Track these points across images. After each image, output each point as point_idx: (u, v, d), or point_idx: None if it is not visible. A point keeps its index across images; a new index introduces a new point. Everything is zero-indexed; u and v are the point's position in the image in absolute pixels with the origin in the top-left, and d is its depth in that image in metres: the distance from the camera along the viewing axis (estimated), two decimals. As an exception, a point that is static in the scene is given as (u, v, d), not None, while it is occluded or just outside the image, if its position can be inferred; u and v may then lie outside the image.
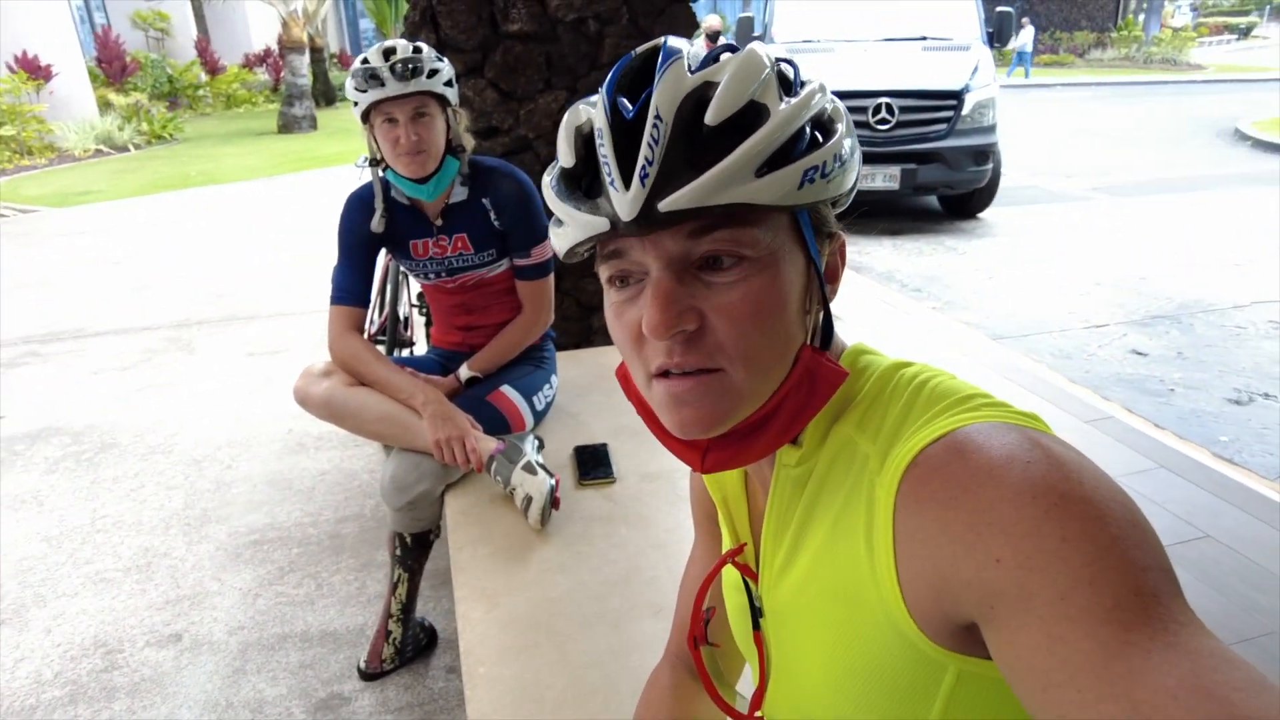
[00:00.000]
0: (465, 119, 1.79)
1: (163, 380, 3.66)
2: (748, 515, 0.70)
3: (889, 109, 5.78)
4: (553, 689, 1.12)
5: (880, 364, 0.59)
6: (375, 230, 1.76)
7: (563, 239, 0.56)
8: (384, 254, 2.55)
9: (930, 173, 5.89)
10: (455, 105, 1.73)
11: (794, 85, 0.54)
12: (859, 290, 4.71)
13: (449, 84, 1.69)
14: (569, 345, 2.76)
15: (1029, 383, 3.42)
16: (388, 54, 1.61)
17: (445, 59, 1.69)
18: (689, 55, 0.52)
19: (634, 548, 1.43)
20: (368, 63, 1.61)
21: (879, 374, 0.58)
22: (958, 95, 5.85)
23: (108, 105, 12.31)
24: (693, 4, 2.77)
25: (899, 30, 6.59)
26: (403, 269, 2.94)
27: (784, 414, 0.56)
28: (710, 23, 9.04)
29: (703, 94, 0.50)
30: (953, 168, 5.90)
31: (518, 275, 1.87)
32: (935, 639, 0.49)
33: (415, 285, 3.17)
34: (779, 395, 0.55)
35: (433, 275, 1.87)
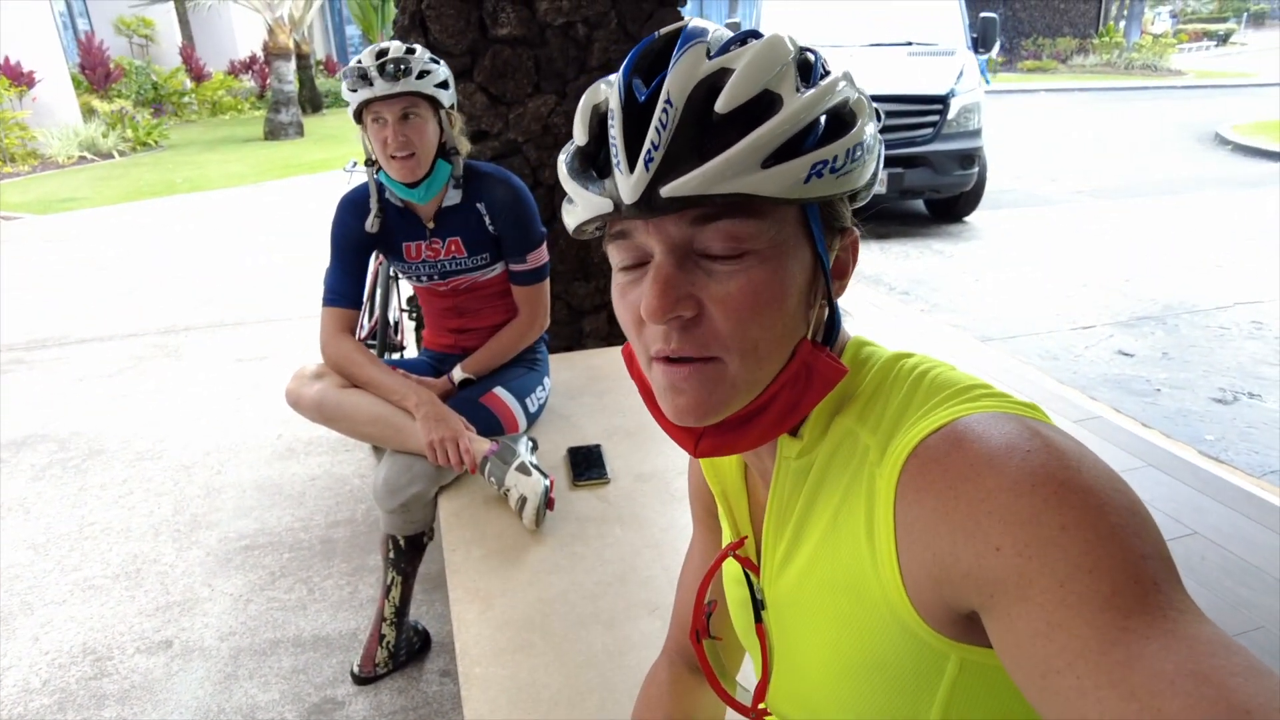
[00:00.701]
0: (461, 122, 1.78)
1: (150, 386, 3.63)
2: (748, 508, 0.70)
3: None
4: (548, 689, 1.12)
5: (881, 356, 0.60)
6: (370, 230, 1.75)
7: (572, 216, 0.56)
8: (374, 258, 2.54)
9: (917, 176, 5.92)
10: (449, 108, 1.73)
11: (814, 75, 0.53)
12: (847, 293, 4.70)
13: (443, 86, 1.68)
14: (560, 348, 2.76)
15: (1017, 384, 3.44)
16: (380, 54, 1.62)
17: (441, 61, 1.69)
18: (711, 40, 0.51)
19: (629, 547, 1.43)
20: (361, 63, 1.61)
21: (880, 366, 0.58)
22: (943, 100, 5.89)
23: (91, 112, 12.17)
24: (680, 8, 2.79)
25: (885, 35, 6.63)
26: (394, 271, 2.93)
27: (778, 406, 0.56)
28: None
29: (717, 80, 0.50)
30: (939, 171, 5.94)
31: (513, 280, 1.88)
32: (937, 628, 0.49)
33: (406, 290, 3.17)
34: (774, 388, 0.55)
35: (425, 278, 1.87)
